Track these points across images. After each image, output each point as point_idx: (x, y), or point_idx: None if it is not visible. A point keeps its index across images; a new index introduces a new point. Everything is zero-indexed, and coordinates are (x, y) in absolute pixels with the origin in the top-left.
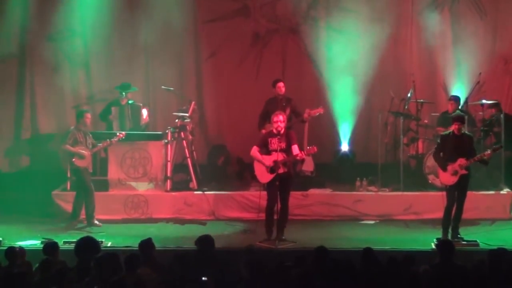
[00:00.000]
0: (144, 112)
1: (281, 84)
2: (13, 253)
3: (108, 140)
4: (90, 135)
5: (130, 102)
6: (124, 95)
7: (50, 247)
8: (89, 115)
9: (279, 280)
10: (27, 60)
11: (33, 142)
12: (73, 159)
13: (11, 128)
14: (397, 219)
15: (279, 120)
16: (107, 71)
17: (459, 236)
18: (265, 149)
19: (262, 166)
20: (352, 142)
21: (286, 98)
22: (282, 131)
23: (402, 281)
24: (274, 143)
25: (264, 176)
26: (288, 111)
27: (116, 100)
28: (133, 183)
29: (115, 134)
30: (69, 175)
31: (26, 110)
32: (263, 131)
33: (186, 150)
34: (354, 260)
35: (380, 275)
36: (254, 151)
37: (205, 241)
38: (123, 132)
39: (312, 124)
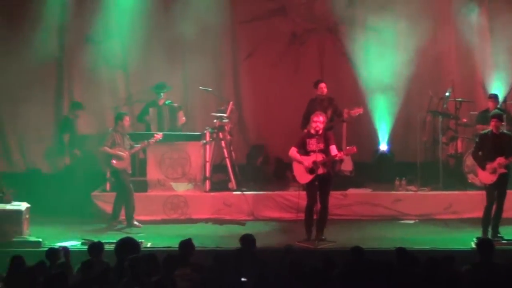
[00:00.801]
0: (182, 112)
1: (323, 85)
2: (54, 253)
3: (145, 141)
4: (128, 136)
5: (167, 102)
6: (161, 96)
7: (95, 247)
8: (127, 118)
9: (318, 280)
10: (66, 61)
11: (72, 142)
12: (112, 161)
13: (50, 129)
14: (436, 219)
15: (319, 121)
16: (145, 71)
17: (499, 235)
18: (303, 150)
19: (301, 166)
20: (391, 141)
21: (328, 98)
22: (320, 132)
23: (441, 281)
24: (313, 144)
25: (303, 177)
26: (330, 111)
27: (154, 101)
28: (172, 184)
29: (152, 135)
30: (108, 176)
31: (65, 111)
32: (306, 131)
33: (225, 150)
34: (394, 261)
35: (419, 275)
36: (293, 152)
37: (248, 240)
38: (160, 133)
39: (350, 124)
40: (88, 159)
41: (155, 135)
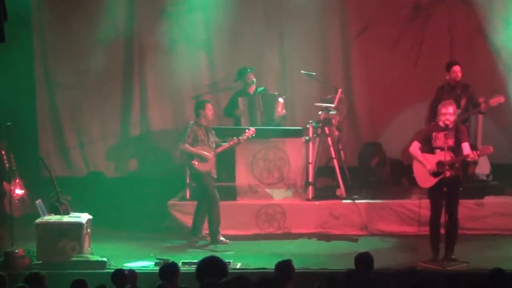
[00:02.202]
0: (279, 102)
1: (457, 68)
2: (122, 277)
3: (235, 138)
4: (213, 131)
5: (260, 90)
6: (251, 82)
7: (168, 270)
8: (210, 107)
9: None
10: (136, 41)
11: (143, 140)
12: (193, 162)
13: (116, 124)
14: None
15: (448, 113)
16: (233, 52)
17: None
18: (428, 146)
19: (424, 167)
20: None
21: (463, 84)
22: (450, 126)
23: None
24: (440, 139)
25: (426, 180)
26: (464, 100)
27: (243, 89)
28: (267, 190)
29: (243, 131)
30: (188, 181)
31: (135, 102)
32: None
33: (332, 149)
34: None
35: None
36: (414, 148)
37: (365, 260)
38: (253, 128)
39: (488, 116)
40: (163, 160)
41: (246, 130)
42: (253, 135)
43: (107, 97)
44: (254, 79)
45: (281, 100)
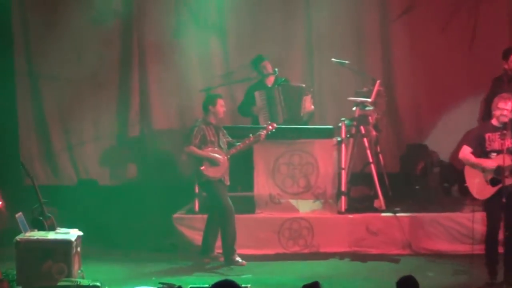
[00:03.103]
0: (307, 96)
1: None
2: None
3: (251, 135)
4: (225, 131)
5: (280, 81)
6: (269, 72)
7: None
8: (222, 103)
9: None
10: (135, 24)
11: (143, 142)
12: (202, 167)
13: (112, 123)
14: None
15: (506, 108)
16: (251, 37)
17: None
18: (481, 150)
19: (478, 175)
20: None
21: None
22: (506, 123)
23: None
24: (495, 141)
25: (482, 190)
26: None
27: (260, 81)
28: (292, 202)
29: (262, 127)
30: (197, 190)
31: (134, 97)
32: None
33: (369, 152)
34: None
35: None
36: (465, 152)
37: (408, 285)
38: (274, 123)
39: None
40: (167, 165)
41: (267, 125)
42: (273, 130)
43: (101, 91)
44: (276, 69)
45: (308, 93)
